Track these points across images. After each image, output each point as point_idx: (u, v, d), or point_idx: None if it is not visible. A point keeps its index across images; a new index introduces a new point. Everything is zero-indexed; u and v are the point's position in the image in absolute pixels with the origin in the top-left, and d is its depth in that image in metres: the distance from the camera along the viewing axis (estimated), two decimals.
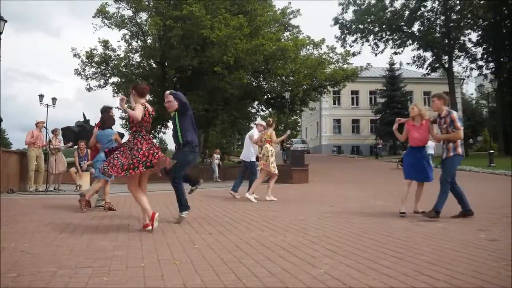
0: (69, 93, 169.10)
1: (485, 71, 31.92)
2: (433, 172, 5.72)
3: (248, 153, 8.73)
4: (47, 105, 27.27)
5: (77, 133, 18.67)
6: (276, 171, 8.17)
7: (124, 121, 29.72)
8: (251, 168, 8.67)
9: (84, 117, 21.83)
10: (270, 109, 31.41)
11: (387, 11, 31.24)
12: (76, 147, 12.23)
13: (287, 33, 27.13)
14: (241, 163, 9.79)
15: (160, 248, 3.63)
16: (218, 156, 20.02)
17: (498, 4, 27.05)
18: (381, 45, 32.93)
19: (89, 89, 25.91)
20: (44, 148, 10.72)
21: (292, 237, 4.09)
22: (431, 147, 23.85)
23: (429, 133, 5.70)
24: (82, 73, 25.18)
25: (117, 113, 26.90)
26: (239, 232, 4.45)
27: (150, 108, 4.64)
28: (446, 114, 5.42)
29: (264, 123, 8.71)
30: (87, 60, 24.64)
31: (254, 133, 8.68)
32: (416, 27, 31.74)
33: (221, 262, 3.10)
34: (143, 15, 25.50)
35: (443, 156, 5.41)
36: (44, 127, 10.65)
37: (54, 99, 27.94)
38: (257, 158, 8.88)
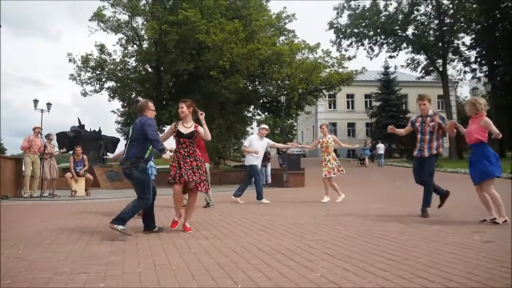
0: (64, 98, 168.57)
1: (478, 74, 32.19)
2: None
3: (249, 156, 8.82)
4: (42, 110, 27.17)
5: (72, 138, 18.63)
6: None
7: (120, 125, 29.60)
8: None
9: (79, 122, 21.78)
10: (266, 113, 31.43)
11: (381, 15, 31.42)
12: (71, 152, 12.18)
13: (282, 38, 27.18)
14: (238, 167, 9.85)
15: (156, 253, 3.62)
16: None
17: (491, 8, 27.30)
18: (376, 49, 33.12)
19: (85, 94, 25.82)
20: (40, 153, 10.67)
21: (288, 241, 4.09)
22: (381, 148, 25.96)
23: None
24: (78, 78, 25.10)
25: (113, 117, 26.74)
26: (236, 237, 4.45)
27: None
28: (432, 113, 5.84)
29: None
30: (82, 65, 24.56)
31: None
32: (410, 30, 31.97)
33: (217, 267, 3.10)
34: (139, 20, 25.52)
35: (425, 155, 5.70)
36: (40, 132, 10.61)
37: (49, 104, 27.83)
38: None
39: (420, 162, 5.80)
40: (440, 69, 31.28)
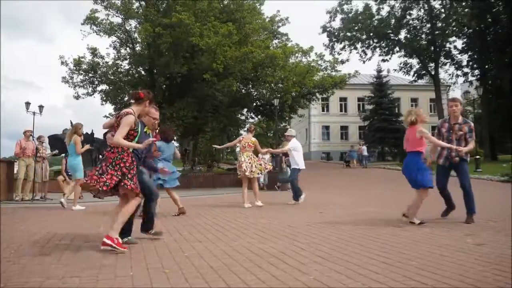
0: (57, 100, 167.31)
1: (470, 78, 32.43)
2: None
3: None
4: (34, 113, 26.98)
5: (64, 141, 18.44)
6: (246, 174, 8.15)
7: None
8: None
9: (72, 124, 21.61)
10: (259, 116, 31.47)
11: (374, 19, 31.63)
12: (63, 155, 12.07)
13: (276, 41, 27.28)
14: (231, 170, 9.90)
15: (149, 256, 3.61)
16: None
17: (482, 12, 27.61)
18: (369, 53, 33.29)
19: (77, 97, 25.64)
20: (33, 156, 10.58)
21: (281, 244, 4.10)
22: (364, 150, 28.11)
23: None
24: (70, 80, 24.93)
25: (103, 120, 26.62)
26: (229, 240, 4.44)
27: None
28: (462, 121, 5.51)
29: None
30: (74, 68, 24.42)
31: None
32: (402, 34, 32.21)
33: (211, 270, 3.10)
34: (132, 22, 25.46)
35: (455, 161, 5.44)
36: (31, 135, 10.52)
37: (41, 107, 27.65)
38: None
39: (447, 170, 5.57)
40: (432, 72, 31.54)
